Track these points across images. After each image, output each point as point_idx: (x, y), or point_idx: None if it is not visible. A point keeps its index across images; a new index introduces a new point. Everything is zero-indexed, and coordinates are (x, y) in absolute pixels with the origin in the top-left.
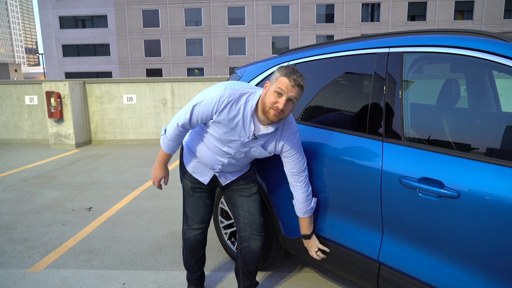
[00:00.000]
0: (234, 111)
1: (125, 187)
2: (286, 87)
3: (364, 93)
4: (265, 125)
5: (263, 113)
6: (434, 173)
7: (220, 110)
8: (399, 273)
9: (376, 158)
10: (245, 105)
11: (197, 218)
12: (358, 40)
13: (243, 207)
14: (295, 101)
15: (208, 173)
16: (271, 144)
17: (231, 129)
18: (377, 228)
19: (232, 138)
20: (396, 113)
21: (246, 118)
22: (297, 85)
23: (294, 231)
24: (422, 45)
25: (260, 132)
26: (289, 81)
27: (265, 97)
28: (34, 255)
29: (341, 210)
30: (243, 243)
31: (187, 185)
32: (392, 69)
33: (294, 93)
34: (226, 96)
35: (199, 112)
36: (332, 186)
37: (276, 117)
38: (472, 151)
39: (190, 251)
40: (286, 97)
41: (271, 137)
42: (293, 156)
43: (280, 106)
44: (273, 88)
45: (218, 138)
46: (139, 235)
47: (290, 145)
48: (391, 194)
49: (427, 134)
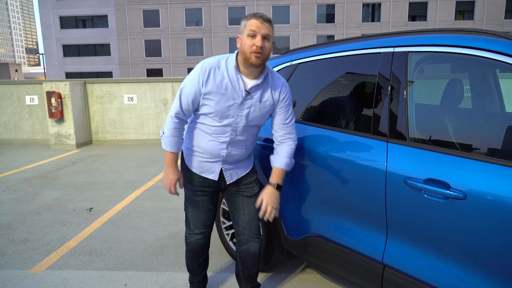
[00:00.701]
0: (219, 76)
1: (126, 187)
2: (256, 26)
3: (368, 93)
4: (252, 78)
5: (246, 62)
6: (439, 174)
7: (206, 80)
8: (404, 275)
9: (380, 159)
10: (227, 66)
11: (198, 223)
12: (362, 40)
13: (244, 210)
14: (271, 39)
15: (216, 167)
16: (267, 95)
17: (223, 95)
18: (381, 229)
19: (227, 104)
20: (400, 114)
21: (233, 78)
22: (265, 21)
23: (297, 232)
24: (427, 44)
25: (250, 86)
26: (256, 20)
27: (242, 46)
28: (35, 255)
29: (345, 211)
30: (242, 246)
31: (189, 188)
32: (396, 69)
33: (265, 29)
34: (206, 66)
35: (188, 93)
36: (335, 187)
37: (258, 59)
38: (478, 151)
39: (192, 254)
40: (260, 35)
41: (264, 88)
42: (288, 105)
43: (258, 43)
44: (246, 33)
45: (215, 111)
46: (140, 236)
47: (286, 90)
48: (396, 195)
49: (432, 135)
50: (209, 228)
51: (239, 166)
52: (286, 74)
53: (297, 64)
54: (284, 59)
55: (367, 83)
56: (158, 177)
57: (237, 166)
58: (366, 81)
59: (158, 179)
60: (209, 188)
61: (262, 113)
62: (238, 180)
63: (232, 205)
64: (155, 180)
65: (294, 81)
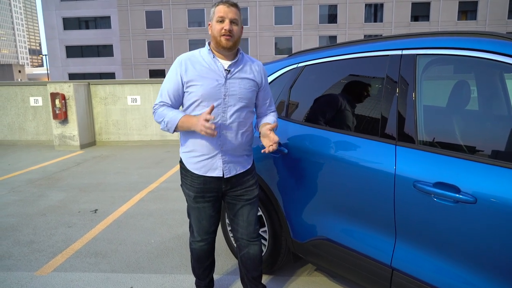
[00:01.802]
0: (197, 63)
1: (130, 188)
2: (224, 11)
3: (376, 96)
4: (228, 60)
5: (218, 46)
6: (449, 178)
7: (185, 69)
8: (413, 278)
9: (389, 162)
10: (201, 53)
11: (201, 230)
12: (369, 42)
13: (243, 216)
14: (239, 23)
15: (217, 161)
16: (247, 68)
17: (205, 78)
18: (390, 232)
19: (212, 85)
20: (409, 116)
21: (210, 62)
22: (232, 5)
23: (303, 234)
24: (435, 47)
25: (228, 64)
26: (223, 5)
27: (212, 32)
28: (41, 257)
29: (353, 214)
30: (242, 251)
31: (190, 195)
32: (405, 71)
33: (232, 13)
34: (182, 58)
35: (168, 87)
36: (343, 190)
37: (228, 41)
38: (488, 154)
39: (197, 260)
40: (228, 20)
41: (243, 64)
42: (267, 85)
43: (226, 27)
44: (215, 19)
45: (201, 95)
46: (146, 238)
47: (262, 67)
48: (405, 198)
49: (441, 137)
50: (213, 235)
51: (238, 162)
52: (292, 76)
53: (303, 67)
54: (290, 62)
55: (375, 85)
56: (162, 179)
57: (236, 161)
58: (374, 84)
59: (162, 180)
60: (210, 193)
61: (247, 88)
62: (238, 181)
63: (232, 212)
64: (159, 181)
65: (301, 84)
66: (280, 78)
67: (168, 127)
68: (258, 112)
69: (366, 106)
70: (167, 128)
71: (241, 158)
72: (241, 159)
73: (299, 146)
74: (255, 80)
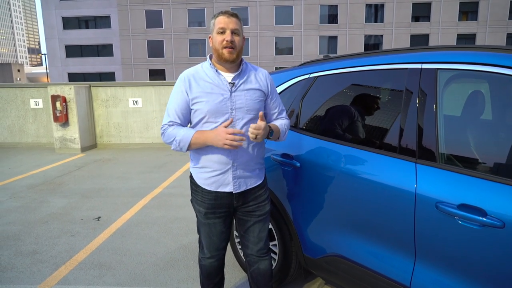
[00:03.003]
0: (201, 80)
1: (133, 194)
2: (224, 22)
3: (394, 111)
4: (231, 72)
5: (220, 59)
6: (475, 200)
7: (189, 86)
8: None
9: (409, 180)
10: (204, 70)
11: (211, 246)
12: (386, 54)
13: (254, 233)
14: (240, 33)
15: (229, 177)
16: (252, 78)
17: (210, 94)
18: (409, 253)
19: (218, 100)
20: (430, 134)
21: (213, 76)
22: (232, 16)
23: (316, 250)
24: (458, 62)
25: (231, 77)
26: (223, 16)
27: (214, 44)
28: (44, 269)
29: (370, 233)
30: (252, 267)
31: (200, 211)
32: (425, 86)
33: (233, 23)
34: (184, 75)
35: (176, 103)
36: (360, 208)
37: (230, 53)
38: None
39: (206, 277)
40: (229, 30)
41: (247, 74)
42: (275, 94)
43: (227, 38)
44: (216, 31)
45: (208, 111)
46: (151, 248)
47: (268, 76)
48: (426, 219)
49: (465, 157)
50: (223, 251)
51: (250, 176)
52: (304, 87)
53: (315, 77)
54: (300, 72)
55: (392, 99)
56: (165, 184)
57: (247, 176)
58: (391, 98)
59: (165, 185)
60: (221, 209)
61: (253, 99)
62: (250, 196)
63: (243, 229)
64: (162, 187)
65: (313, 95)
66: (290, 88)
67: (181, 146)
68: (268, 122)
69: (383, 121)
70: (179, 147)
71: (253, 172)
72: (253, 173)
73: (314, 161)
74: (261, 90)
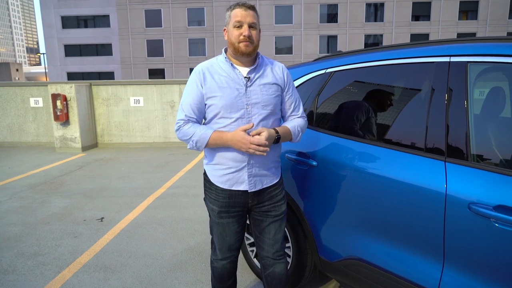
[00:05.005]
0: (215, 74)
1: (136, 194)
2: (241, 16)
3: (420, 107)
4: (247, 66)
5: (236, 53)
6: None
7: (204, 80)
8: None
9: (438, 180)
10: (219, 63)
11: (224, 247)
12: (409, 47)
13: (269, 234)
14: (257, 27)
15: (244, 175)
16: (268, 72)
17: (225, 88)
18: (437, 257)
19: (233, 95)
20: (461, 130)
21: (228, 70)
22: (249, 8)
23: (333, 253)
24: (490, 54)
25: (247, 71)
26: (240, 9)
27: (229, 38)
28: (47, 272)
29: (393, 235)
30: (267, 270)
31: (214, 210)
32: (454, 80)
33: (250, 17)
34: (199, 69)
35: (191, 97)
36: (384, 209)
37: (248, 47)
38: None
39: (218, 280)
40: (246, 25)
41: (263, 68)
42: (292, 87)
43: (245, 33)
44: (232, 25)
45: (222, 107)
46: (157, 250)
47: (285, 69)
48: (457, 221)
49: (499, 155)
50: (236, 252)
51: (266, 175)
52: (320, 83)
53: (332, 72)
54: (317, 67)
55: (417, 95)
56: (168, 184)
57: (263, 174)
58: (416, 93)
59: (169, 185)
60: (235, 208)
61: (270, 93)
62: (266, 196)
63: (258, 229)
64: (165, 186)
65: (329, 91)
66: (305, 84)
67: (198, 146)
68: (284, 118)
69: (407, 118)
70: (196, 147)
71: (269, 171)
72: (269, 172)
73: (332, 159)
74: (278, 84)
